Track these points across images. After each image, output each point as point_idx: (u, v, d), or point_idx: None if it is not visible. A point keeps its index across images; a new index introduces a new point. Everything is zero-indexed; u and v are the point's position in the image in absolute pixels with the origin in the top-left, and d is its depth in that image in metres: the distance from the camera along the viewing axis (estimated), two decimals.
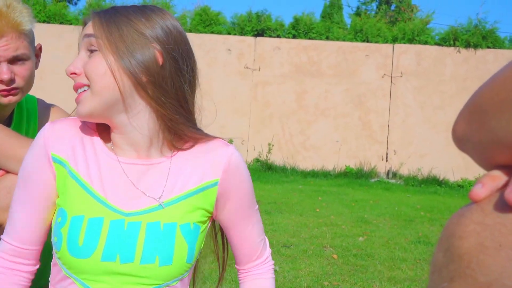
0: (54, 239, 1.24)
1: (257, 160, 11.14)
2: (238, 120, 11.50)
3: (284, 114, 11.22)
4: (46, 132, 1.29)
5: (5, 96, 1.81)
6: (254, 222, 1.36)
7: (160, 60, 1.20)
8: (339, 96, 11.02)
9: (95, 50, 1.21)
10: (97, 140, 1.31)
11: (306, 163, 11.17)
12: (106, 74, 1.18)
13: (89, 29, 1.22)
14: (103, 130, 1.33)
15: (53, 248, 1.27)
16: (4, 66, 1.76)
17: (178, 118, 1.24)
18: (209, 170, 1.27)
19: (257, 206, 1.37)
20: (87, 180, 1.24)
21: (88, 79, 1.20)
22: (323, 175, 11.06)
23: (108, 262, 1.20)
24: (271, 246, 3.27)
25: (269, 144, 11.07)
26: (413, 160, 10.97)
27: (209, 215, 1.30)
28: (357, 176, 10.99)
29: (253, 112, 11.32)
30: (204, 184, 1.26)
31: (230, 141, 10.13)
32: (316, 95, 11.10)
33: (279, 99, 11.18)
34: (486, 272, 0.55)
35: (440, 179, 10.74)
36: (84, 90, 1.21)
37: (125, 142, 1.27)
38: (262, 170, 10.92)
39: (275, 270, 2.80)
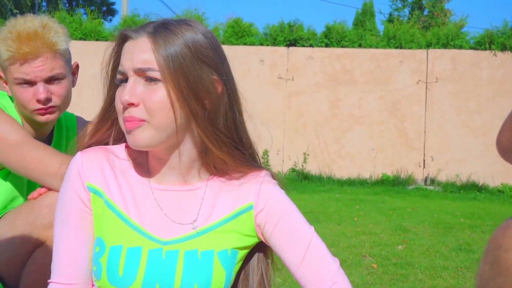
0: (93, 269, 1.24)
1: (293, 170, 11.06)
2: (272, 131, 11.35)
3: (318, 123, 11.19)
4: (79, 162, 1.26)
5: (43, 114, 1.88)
6: (309, 246, 1.27)
7: (219, 90, 1.18)
8: (373, 103, 10.98)
9: (155, 80, 1.14)
10: (128, 167, 1.29)
11: (342, 172, 11.15)
12: (169, 110, 1.14)
13: (145, 55, 1.14)
14: (132, 154, 1.30)
15: (93, 277, 1.26)
16: (41, 86, 1.83)
17: (224, 148, 1.22)
18: (243, 194, 1.25)
19: (311, 230, 1.29)
20: (123, 209, 1.23)
21: (148, 113, 1.14)
22: (360, 183, 11.00)
23: None
24: None
25: (304, 154, 11.02)
26: (451, 166, 10.85)
27: (252, 240, 1.27)
28: (394, 184, 10.90)
29: (287, 122, 11.33)
30: (239, 209, 1.25)
31: (265, 152, 10.47)
32: (350, 103, 11.08)
33: (313, 108, 11.18)
34: None
35: (480, 184, 10.57)
36: (140, 121, 1.16)
37: (165, 167, 1.25)
38: (298, 180, 10.84)
39: None
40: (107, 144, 1.32)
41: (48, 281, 1.29)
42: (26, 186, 2.06)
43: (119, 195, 1.23)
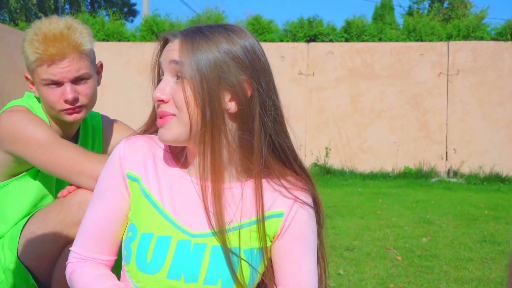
0: (124, 253, 1.27)
1: (315, 165, 10.99)
2: (294, 126, 11.16)
3: (339, 118, 11.20)
4: (121, 149, 1.29)
5: (70, 114, 1.88)
6: (304, 269, 1.30)
7: (249, 92, 1.20)
8: (394, 97, 10.98)
9: (184, 77, 1.19)
10: (169, 159, 1.31)
11: (364, 166, 11.15)
12: (195, 107, 1.18)
13: (176, 54, 1.19)
14: (175, 148, 1.33)
15: (123, 260, 1.29)
16: (68, 87, 1.83)
17: (258, 151, 1.24)
18: (279, 201, 1.27)
19: (314, 258, 1.32)
20: (158, 198, 1.25)
21: (177, 108, 1.19)
22: (382, 177, 10.98)
23: (173, 280, 1.22)
24: (334, 249, 3.31)
25: (326, 148, 11.02)
26: (474, 158, 10.82)
27: (271, 242, 1.29)
28: (416, 177, 10.84)
29: (309, 118, 11.33)
30: (271, 213, 1.26)
31: None
32: (371, 98, 11.08)
33: (334, 103, 11.16)
34: None
35: (503, 176, 10.49)
36: (170, 115, 1.21)
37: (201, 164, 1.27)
38: (321, 175, 10.86)
39: (339, 274, 2.78)
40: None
41: (69, 248, 1.34)
42: (55, 184, 2.08)
43: (156, 184, 1.26)
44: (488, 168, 10.64)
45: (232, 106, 1.19)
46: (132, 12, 28.69)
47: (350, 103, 11.13)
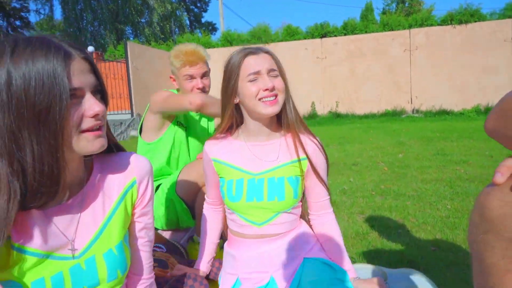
0: (221, 194, 1.63)
1: (330, 112, 13.67)
2: (316, 90, 13.67)
3: (343, 83, 13.43)
4: (207, 146, 1.68)
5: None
6: (323, 186, 1.61)
7: None
8: (377, 67, 13.12)
9: (277, 74, 1.54)
10: (232, 136, 1.66)
11: (360, 111, 13.43)
12: (285, 89, 1.53)
13: (272, 62, 1.55)
14: (230, 128, 1.64)
15: (221, 198, 1.69)
16: (199, 80, 2.33)
17: (290, 114, 1.55)
18: (304, 148, 1.55)
19: (326, 178, 1.61)
20: (231, 161, 1.60)
21: (278, 91, 1.52)
22: (371, 116, 12.99)
23: (250, 202, 1.53)
24: (345, 165, 5.46)
25: (337, 102, 13.66)
26: (429, 101, 12.87)
27: (303, 174, 1.59)
28: (393, 115, 12.83)
29: (324, 84, 13.50)
30: (300, 157, 1.55)
31: (313, 103, 13.34)
32: (362, 69, 13.24)
33: (339, 74, 13.51)
34: (509, 231, 0.69)
35: (448, 110, 12.52)
36: (275, 98, 1.51)
37: (257, 130, 1.59)
38: (333, 118, 13.25)
39: (350, 181, 4.39)
40: (231, 126, 1.66)
41: (206, 197, 1.78)
42: (186, 139, 2.49)
43: (229, 155, 1.60)
44: (438, 106, 12.88)
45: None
46: (214, 29, 34.35)
47: (349, 73, 13.48)
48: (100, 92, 1.06)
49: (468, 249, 0.91)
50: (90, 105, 1.00)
